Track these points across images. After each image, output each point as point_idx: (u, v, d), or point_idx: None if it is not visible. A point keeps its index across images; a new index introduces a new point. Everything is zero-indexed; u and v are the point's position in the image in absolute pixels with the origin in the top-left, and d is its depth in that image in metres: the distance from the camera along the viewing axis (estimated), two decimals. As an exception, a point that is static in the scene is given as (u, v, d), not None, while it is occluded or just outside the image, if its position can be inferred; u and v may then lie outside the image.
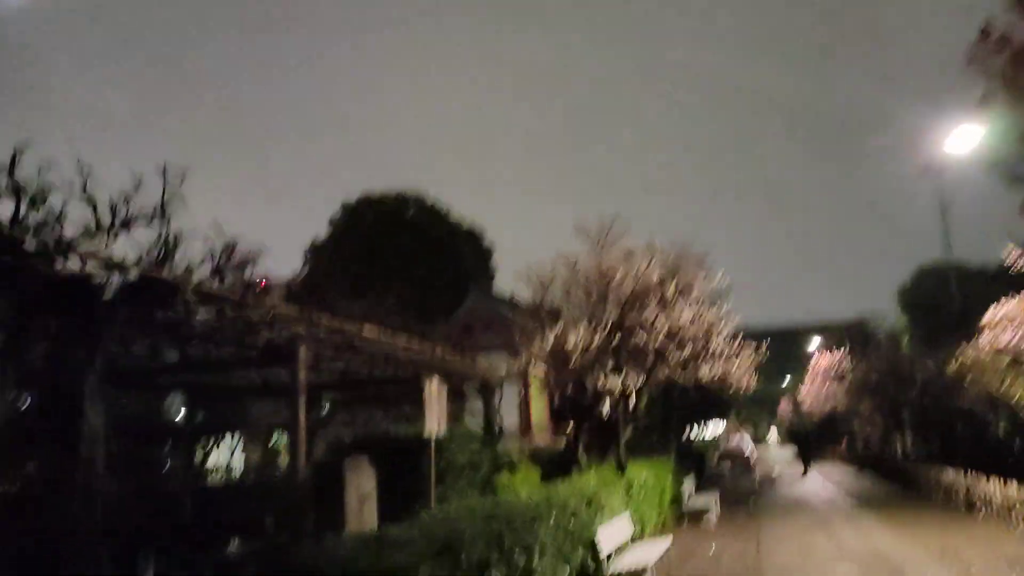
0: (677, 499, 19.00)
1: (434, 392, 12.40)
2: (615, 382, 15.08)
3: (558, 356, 16.31)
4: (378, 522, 10.19)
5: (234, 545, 9.87)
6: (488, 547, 6.47)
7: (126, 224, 7.82)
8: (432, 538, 5.85)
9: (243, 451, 19.22)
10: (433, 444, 10.70)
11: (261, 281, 10.92)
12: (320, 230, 40.14)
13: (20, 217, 7.21)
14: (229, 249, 9.31)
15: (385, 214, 40.74)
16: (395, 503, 10.02)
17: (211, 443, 17.42)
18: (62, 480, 7.32)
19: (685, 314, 15.76)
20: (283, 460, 16.06)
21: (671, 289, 15.97)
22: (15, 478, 7.20)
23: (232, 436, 18.74)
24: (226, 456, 18.24)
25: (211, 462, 17.70)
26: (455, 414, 15.95)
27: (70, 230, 7.59)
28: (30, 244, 7.35)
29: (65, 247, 7.58)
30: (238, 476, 16.52)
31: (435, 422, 11.56)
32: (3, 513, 6.84)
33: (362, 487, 10.32)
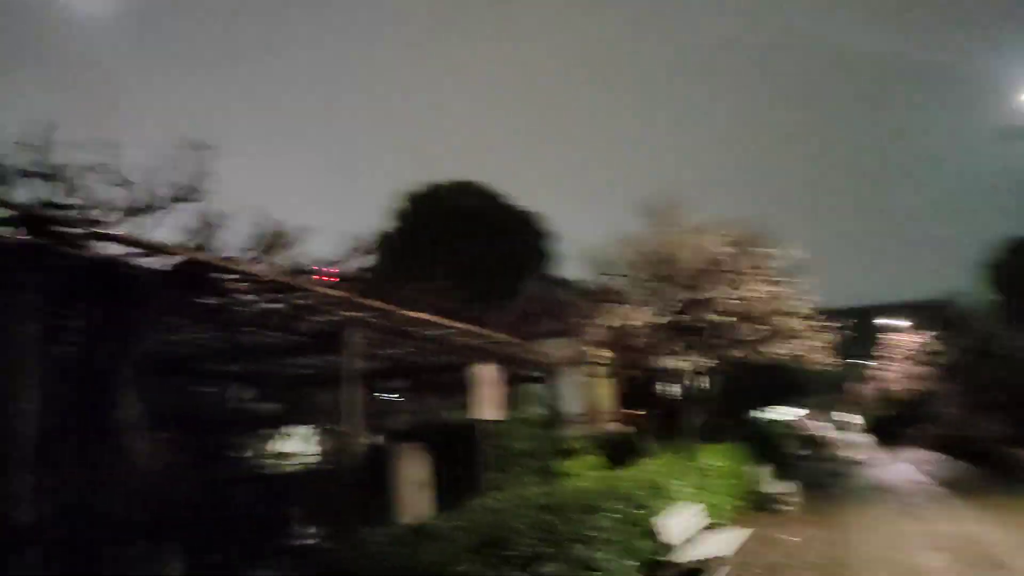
0: (752, 486, 18.10)
1: (487, 378, 11.95)
2: (683, 363, 14.34)
3: (622, 339, 15.66)
4: (433, 511, 9.78)
5: (289, 534, 9.60)
6: (540, 539, 5.92)
7: (161, 205, 7.50)
8: (475, 530, 5.34)
9: (311, 439, 19.20)
10: (486, 430, 10.22)
11: (321, 274, 10.56)
12: (376, 220, 40.24)
13: (52, 200, 6.95)
14: (273, 232, 8.96)
15: (444, 203, 40.54)
16: (450, 492, 9.59)
17: (277, 431, 17.41)
18: (98, 474, 7.11)
19: (757, 291, 14.88)
20: (346, 448, 15.86)
21: (741, 266, 15.11)
22: (54, 474, 6.98)
23: (300, 424, 18.73)
24: (293, 444, 18.23)
25: (279, 450, 17.70)
26: (513, 400, 15.45)
27: (105, 212, 7.32)
28: (64, 227, 7.09)
29: (100, 230, 7.31)
30: (304, 465, 16.40)
31: (488, 408, 11.11)
32: (44, 509, 6.62)
33: (414, 475, 9.93)
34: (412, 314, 11.99)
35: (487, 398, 11.43)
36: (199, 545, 7.52)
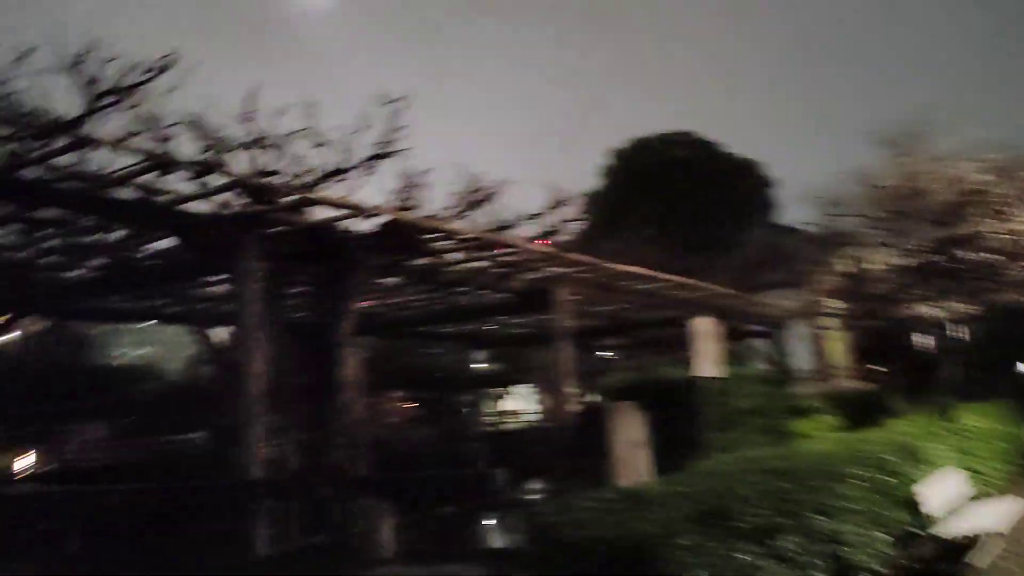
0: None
1: (707, 332, 11.15)
2: (933, 311, 12.56)
3: (859, 286, 14.06)
4: (652, 473, 9.28)
5: (504, 492, 9.55)
6: (774, 509, 5.20)
7: (364, 165, 7.55)
8: (697, 497, 4.75)
9: (527, 398, 19.49)
10: (707, 388, 9.48)
11: (528, 231, 10.33)
12: (586, 180, 39.86)
13: (266, 167, 7.21)
14: (476, 188, 8.81)
15: (655, 157, 39.28)
16: (669, 453, 9.02)
17: (493, 390, 17.82)
18: (323, 429, 7.38)
19: (1027, 223, 12.62)
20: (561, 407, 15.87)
21: (1009, 195, 12.86)
22: (283, 430, 7.35)
23: (515, 383, 19.05)
24: (510, 403, 18.59)
25: (495, 408, 18.15)
26: (736, 355, 14.45)
27: (313, 177, 7.50)
28: (278, 194, 7.35)
29: (310, 194, 7.51)
30: (520, 423, 16.64)
31: (708, 364, 10.35)
32: (275, 463, 6.97)
33: (630, 435, 9.45)
34: (624, 268, 11.48)
35: (707, 353, 10.67)
36: (418, 498, 7.61)
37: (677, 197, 35.56)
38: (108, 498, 8.14)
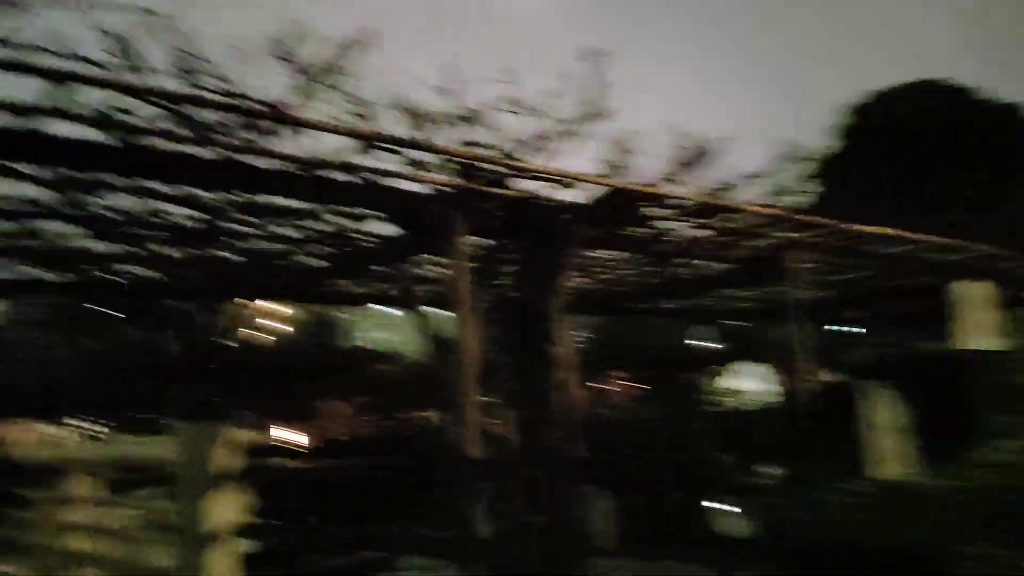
0: None
1: (977, 300, 9.58)
2: None
3: None
4: (911, 463, 8.07)
5: (736, 476, 8.82)
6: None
7: (570, 130, 7.18)
8: (981, 494, 3.84)
9: (759, 377, 18.36)
10: (979, 364, 8.05)
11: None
12: (815, 140, 36.66)
13: (471, 141, 7.08)
14: (694, 148, 8.14)
15: (900, 109, 35.30)
16: (933, 441, 7.77)
17: (721, 369, 16.94)
18: (537, 408, 7.14)
19: None
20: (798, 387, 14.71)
21: None
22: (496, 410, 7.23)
23: (745, 361, 18.01)
24: (741, 382, 17.60)
25: (725, 387, 17.27)
26: (1016, 326, 12.36)
27: (519, 147, 7.26)
28: (486, 167, 7.20)
29: (517, 165, 7.28)
30: (751, 404, 15.61)
31: (980, 336, 8.85)
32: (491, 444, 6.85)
33: (883, 419, 8.27)
34: (869, 229, 10.17)
35: (977, 324, 9.14)
36: (638, 482, 7.17)
37: (929, 152, 31.70)
38: (356, 471, 8.60)
